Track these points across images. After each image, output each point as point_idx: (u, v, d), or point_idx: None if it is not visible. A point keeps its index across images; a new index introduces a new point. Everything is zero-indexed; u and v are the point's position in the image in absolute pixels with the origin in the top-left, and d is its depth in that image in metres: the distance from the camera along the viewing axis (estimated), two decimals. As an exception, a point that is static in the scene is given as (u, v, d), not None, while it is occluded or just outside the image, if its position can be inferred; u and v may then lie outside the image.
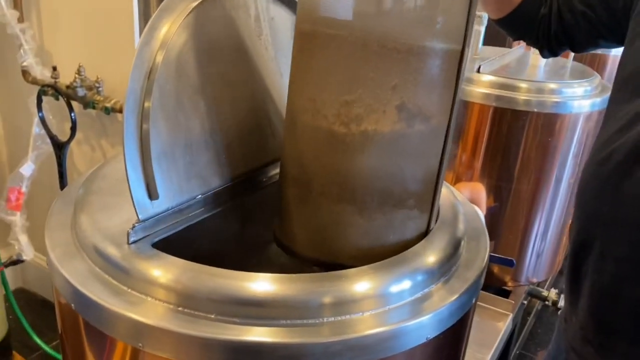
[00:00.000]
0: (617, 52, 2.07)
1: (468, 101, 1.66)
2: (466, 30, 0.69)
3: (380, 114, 0.69)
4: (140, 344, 0.62)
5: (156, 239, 0.71)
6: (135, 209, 0.67)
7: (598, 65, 2.65)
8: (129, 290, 0.65)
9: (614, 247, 0.82)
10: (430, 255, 0.73)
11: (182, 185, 0.72)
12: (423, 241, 0.75)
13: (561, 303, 1.83)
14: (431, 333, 0.68)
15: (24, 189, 1.79)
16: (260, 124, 0.86)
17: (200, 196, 0.75)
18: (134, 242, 0.69)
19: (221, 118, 0.78)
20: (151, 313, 0.62)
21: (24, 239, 1.82)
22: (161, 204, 0.70)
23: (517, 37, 1.24)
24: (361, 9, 0.68)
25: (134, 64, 0.65)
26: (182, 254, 0.68)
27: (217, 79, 0.77)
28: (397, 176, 0.73)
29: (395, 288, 0.67)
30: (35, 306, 2.20)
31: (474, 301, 0.76)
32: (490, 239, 1.82)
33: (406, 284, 0.68)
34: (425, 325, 0.66)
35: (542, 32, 1.13)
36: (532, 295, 1.91)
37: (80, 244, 0.72)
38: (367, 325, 0.63)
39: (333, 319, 0.63)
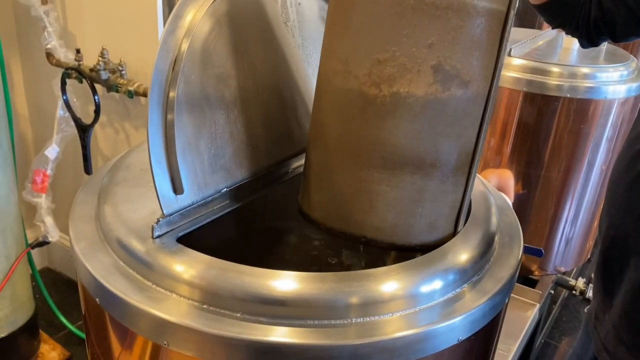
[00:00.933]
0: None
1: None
2: None
3: (414, 73, 0.65)
4: (165, 342, 0.61)
5: (181, 233, 0.69)
6: (160, 203, 0.66)
7: (632, 49, 2.56)
8: (153, 286, 0.64)
9: None
10: (462, 254, 0.70)
11: (207, 179, 0.71)
12: (454, 238, 0.73)
13: (589, 293, 1.79)
14: (463, 335, 0.65)
15: (49, 172, 1.80)
16: (286, 114, 0.83)
17: (225, 189, 0.74)
18: (159, 236, 0.67)
19: (246, 109, 0.76)
20: (175, 310, 0.61)
21: (49, 220, 1.83)
22: (186, 198, 0.68)
23: (557, 25, 1.20)
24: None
25: (158, 54, 0.63)
26: (206, 247, 0.67)
27: (242, 68, 0.74)
28: (430, 144, 0.68)
29: (425, 288, 0.65)
30: (62, 286, 2.23)
31: (507, 300, 0.73)
32: (518, 228, 1.78)
33: (437, 284, 0.66)
34: (456, 327, 0.64)
35: (583, 19, 1.09)
36: (560, 284, 1.87)
37: (104, 237, 0.71)
38: (395, 327, 0.61)
39: (361, 319, 0.62)
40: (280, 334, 0.59)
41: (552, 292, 1.87)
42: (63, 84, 1.69)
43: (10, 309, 1.77)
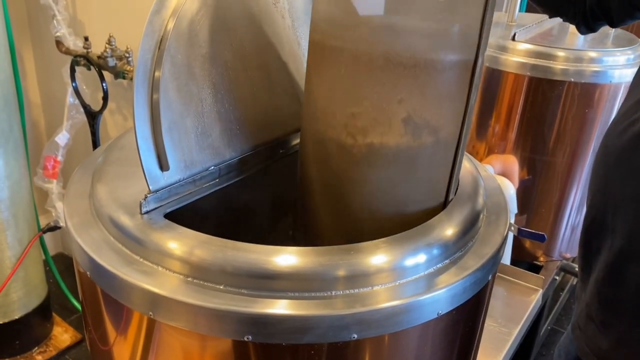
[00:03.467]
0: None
1: (502, 70, 1.61)
2: (480, 39, 0.65)
3: (386, 127, 0.69)
4: (150, 313, 0.63)
5: (169, 210, 0.71)
6: (146, 180, 0.68)
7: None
8: (142, 260, 0.66)
9: (622, 223, 0.78)
10: (447, 229, 0.71)
11: (194, 156, 0.72)
12: (440, 214, 0.74)
13: (595, 279, 1.78)
14: (444, 309, 0.66)
15: (59, 158, 1.84)
16: (276, 95, 0.84)
17: (213, 167, 0.75)
18: (147, 212, 0.69)
19: (235, 88, 0.77)
20: (162, 283, 0.63)
21: (60, 205, 1.87)
22: (173, 175, 0.70)
23: (554, 14, 1.19)
24: (367, 22, 0.66)
25: (144, 33, 0.65)
26: (195, 225, 0.68)
27: (230, 49, 0.76)
28: (404, 189, 0.73)
29: (409, 262, 0.66)
30: (74, 271, 2.28)
31: (490, 277, 0.74)
32: (522, 213, 1.79)
33: (420, 258, 0.67)
34: (436, 300, 0.65)
35: (578, 6, 1.08)
36: (565, 270, 1.86)
37: (96, 213, 0.73)
38: (379, 298, 0.63)
39: (345, 292, 0.63)
40: (264, 306, 0.61)
41: (558, 278, 1.86)
42: (72, 72, 1.72)
43: (24, 291, 1.82)
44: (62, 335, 1.99)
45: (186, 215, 0.73)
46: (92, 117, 1.78)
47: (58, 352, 1.92)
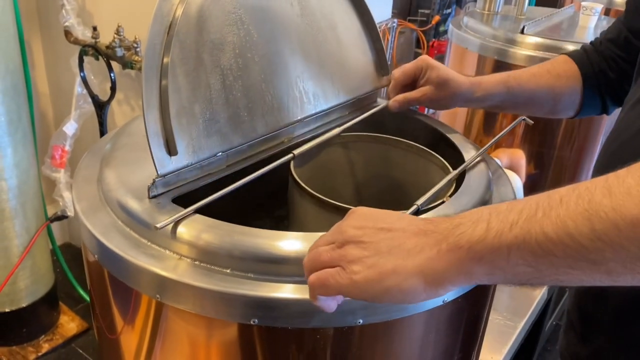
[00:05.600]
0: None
1: (510, 63, 1.60)
2: None
3: None
4: (158, 296, 0.64)
5: (177, 195, 0.72)
6: (154, 164, 0.68)
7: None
8: (149, 243, 0.67)
9: None
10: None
11: (202, 142, 0.73)
12: (446, 203, 0.74)
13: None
14: (449, 296, 0.66)
15: (67, 147, 1.85)
16: (286, 82, 0.85)
17: (221, 153, 0.75)
18: (155, 196, 0.69)
19: (243, 75, 0.77)
20: (170, 266, 0.64)
21: (67, 195, 1.88)
22: (181, 160, 0.71)
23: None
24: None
25: (153, 17, 0.65)
26: (203, 211, 0.69)
27: (239, 36, 0.76)
28: None
29: (413, 249, 0.66)
30: (81, 260, 2.28)
31: (496, 266, 0.74)
32: (530, 207, 1.77)
33: (425, 246, 0.66)
34: (442, 287, 0.65)
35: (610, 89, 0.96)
36: (572, 265, 1.86)
37: (105, 198, 0.73)
38: (381, 285, 0.63)
39: (348, 278, 0.63)
40: (271, 290, 0.61)
41: (564, 273, 1.86)
42: (80, 62, 1.73)
43: (31, 279, 1.83)
44: (69, 323, 2.00)
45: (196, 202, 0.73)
46: (100, 107, 1.79)
47: (65, 340, 1.94)
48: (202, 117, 0.72)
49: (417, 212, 0.70)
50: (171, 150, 0.69)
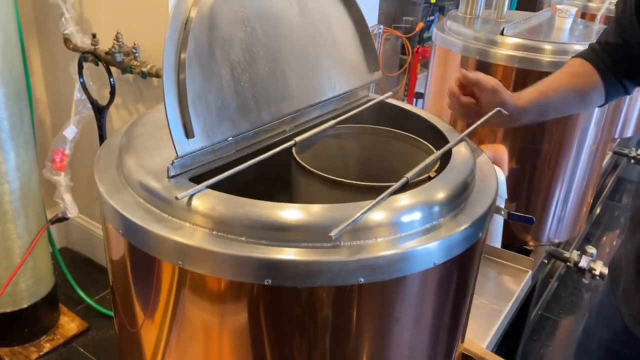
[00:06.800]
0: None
1: (491, 63, 1.69)
2: None
3: None
4: (180, 262, 0.71)
5: (192, 176, 0.79)
6: (174, 145, 0.75)
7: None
8: (170, 217, 0.74)
9: None
10: (441, 191, 0.79)
11: (215, 127, 0.80)
12: (437, 178, 0.82)
13: (582, 263, 1.87)
14: (439, 259, 0.74)
15: (67, 151, 1.91)
16: (287, 75, 0.93)
17: (231, 138, 0.83)
18: (173, 176, 0.77)
19: (250, 68, 0.85)
20: (190, 235, 0.71)
21: (68, 197, 1.94)
22: (196, 143, 0.78)
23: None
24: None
25: (171, 15, 0.73)
26: (215, 187, 0.76)
27: (245, 32, 0.84)
28: None
29: (406, 218, 0.74)
30: (79, 264, 2.34)
31: (481, 235, 0.82)
32: (512, 200, 1.87)
33: (417, 215, 0.75)
34: (432, 251, 0.73)
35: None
36: (554, 256, 1.95)
37: (125, 180, 0.81)
38: (380, 248, 0.71)
39: (351, 243, 0.71)
40: (281, 253, 0.69)
41: (547, 262, 1.95)
42: (80, 68, 1.79)
43: (32, 281, 1.88)
44: (69, 324, 2.05)
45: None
46: (99, 111, 1.85)
47: (65, 340, 1.98)
48: (214, 105, 0.80)
49: (406, 184, 0.79)
50: (189, 133, 0.76)
